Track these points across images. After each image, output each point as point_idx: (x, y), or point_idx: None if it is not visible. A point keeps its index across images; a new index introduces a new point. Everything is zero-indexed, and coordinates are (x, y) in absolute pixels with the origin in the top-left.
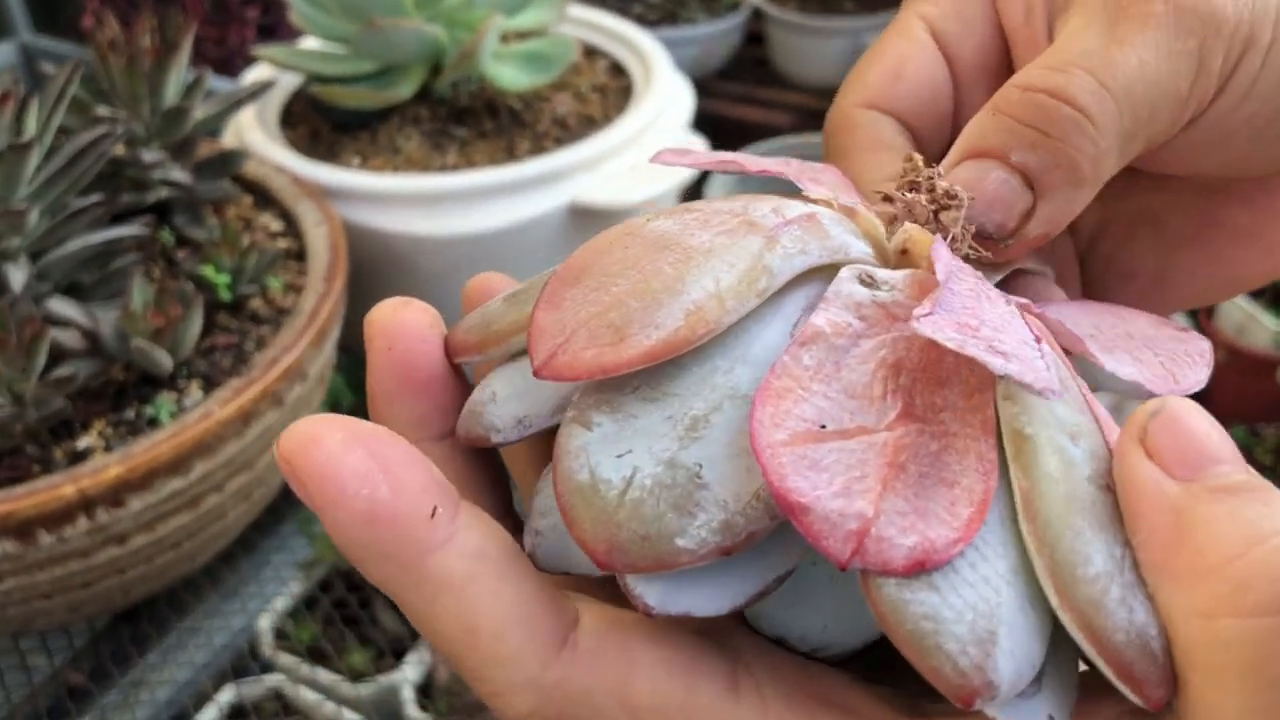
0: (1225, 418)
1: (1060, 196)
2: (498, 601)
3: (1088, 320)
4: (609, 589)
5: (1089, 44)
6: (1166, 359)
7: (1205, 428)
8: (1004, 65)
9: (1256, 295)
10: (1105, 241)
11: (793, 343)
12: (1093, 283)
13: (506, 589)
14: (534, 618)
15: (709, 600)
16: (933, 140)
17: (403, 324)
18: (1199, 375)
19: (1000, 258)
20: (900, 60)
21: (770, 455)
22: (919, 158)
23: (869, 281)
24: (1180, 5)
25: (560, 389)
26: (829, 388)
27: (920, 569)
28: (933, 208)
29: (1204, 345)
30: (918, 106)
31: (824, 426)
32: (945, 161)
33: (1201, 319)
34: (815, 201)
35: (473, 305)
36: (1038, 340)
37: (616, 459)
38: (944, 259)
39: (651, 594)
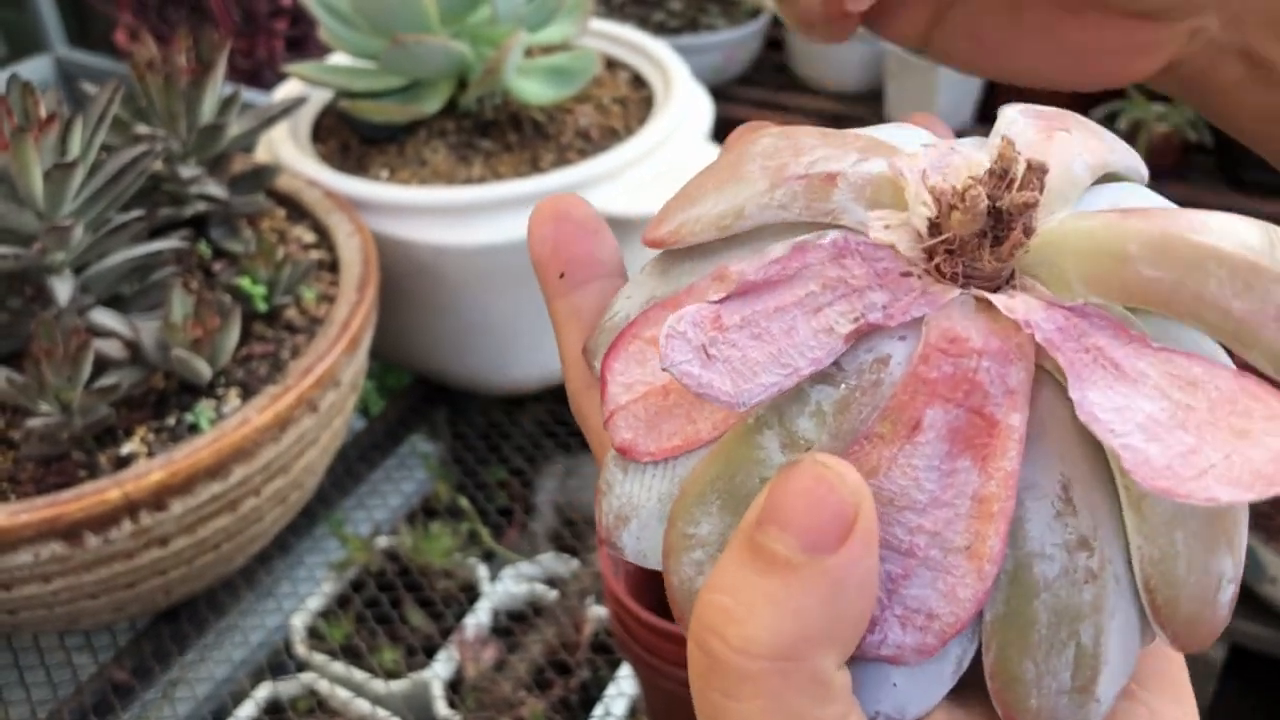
0: None
1: None
2: (572, 345)
3: (1142, 362)
4: None
5: None
6: (1208, 435)
7: (804, 493)
8: None
9: None
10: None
11: (708, 275)
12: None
13: (578, 339)
14: (581, 361)
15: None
16: None
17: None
18: (1214, 491)
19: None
20: None
21: (624, 339)
22: (1017, 151)
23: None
24: None
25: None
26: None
27: (626, 456)
28: (951, 202)
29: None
30: None
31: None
32: None
33: None
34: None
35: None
36: (810, 364)
37: (625, 299)
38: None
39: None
